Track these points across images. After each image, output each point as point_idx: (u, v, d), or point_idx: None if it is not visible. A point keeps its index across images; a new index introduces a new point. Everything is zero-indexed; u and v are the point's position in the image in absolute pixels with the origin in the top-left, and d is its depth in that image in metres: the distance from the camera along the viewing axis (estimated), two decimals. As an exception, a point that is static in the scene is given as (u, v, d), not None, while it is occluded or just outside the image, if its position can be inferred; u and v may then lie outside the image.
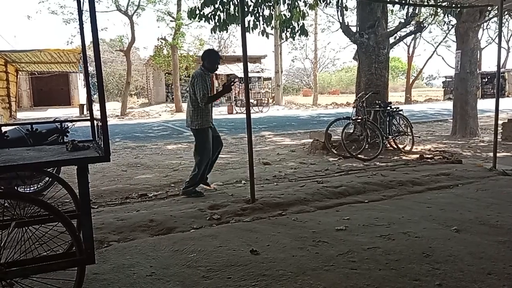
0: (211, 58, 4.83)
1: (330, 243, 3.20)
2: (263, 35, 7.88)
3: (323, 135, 7.78)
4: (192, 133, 4.97)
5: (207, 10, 7.37)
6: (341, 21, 8.66)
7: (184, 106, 24.36)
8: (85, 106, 21.72)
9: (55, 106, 26.24)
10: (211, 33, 7.73)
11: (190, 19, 8.00)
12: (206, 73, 4.78)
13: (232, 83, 5.02)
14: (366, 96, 7.77)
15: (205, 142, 4.84)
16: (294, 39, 8.80)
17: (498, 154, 6.17)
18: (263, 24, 7.76)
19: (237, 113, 21.49)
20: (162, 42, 24.17)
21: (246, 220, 3.89)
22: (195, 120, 4.76)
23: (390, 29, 9.20)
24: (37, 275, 2.18)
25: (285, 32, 8.17)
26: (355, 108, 8.01)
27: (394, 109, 8.21)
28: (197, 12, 7.39)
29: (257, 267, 2.80)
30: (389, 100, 8.60)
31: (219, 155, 5.29)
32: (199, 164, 4.85)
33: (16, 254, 2.37)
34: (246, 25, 7.23)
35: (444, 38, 30.88)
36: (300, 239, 3.30)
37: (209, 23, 7.46)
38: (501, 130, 8.98)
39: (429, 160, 7.00)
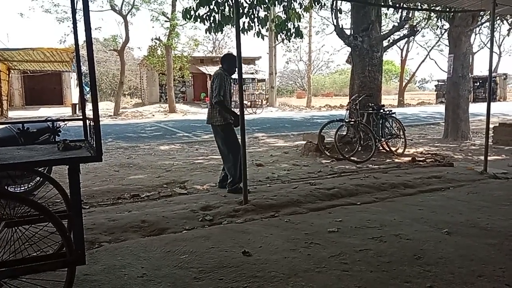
0: (230, 62, 5.03)
1: (322, 245, 3.20)
2: (257, 37, 7.88)
3: (317, 137, 7.80)
4: (213, 131, 5.07)
5: (202, 11, 7.36)
6: (335, 23, 8.70)
7: (178, 106, 24.35)
8: (77, 106, 21.56)
9: (47, 105, 25.96)
10: (206, 33, 7.71)
11: (185, 20, 7.98)
12: (225, 74, 4.97)
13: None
14: (360, 99, 7.80)
15: (230, 136, 4.97)
16: (289, 41, 8.82)
17: (489, 158, 6.23)
18: (258, 25, 7.77)
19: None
20: (156, 42, 24.04)
21: (239, 222, 3.89)
22: (216, 116, 4.92)
23: (384, 32, 9.24)
24: (27, 276, 2.15)
25: (280, 34, 8.18)
26: (348, 111, 8.05)
27: (387, 112, 8.26)
28: (192, 13, 7.37)
29: (249, 268, 2.79)
30: (382, 103, 8.65)
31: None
32: (233, 160, 4.92)
33: (6, 254, 2.34)
34: (241, 26, 7.24)
35: (437, 42, 31.15)
36: (292, 240, 3.30)
37: (204, 24, 7.45)
38: (492, 134, 9.08)
39: (421, 163, 7.05)
